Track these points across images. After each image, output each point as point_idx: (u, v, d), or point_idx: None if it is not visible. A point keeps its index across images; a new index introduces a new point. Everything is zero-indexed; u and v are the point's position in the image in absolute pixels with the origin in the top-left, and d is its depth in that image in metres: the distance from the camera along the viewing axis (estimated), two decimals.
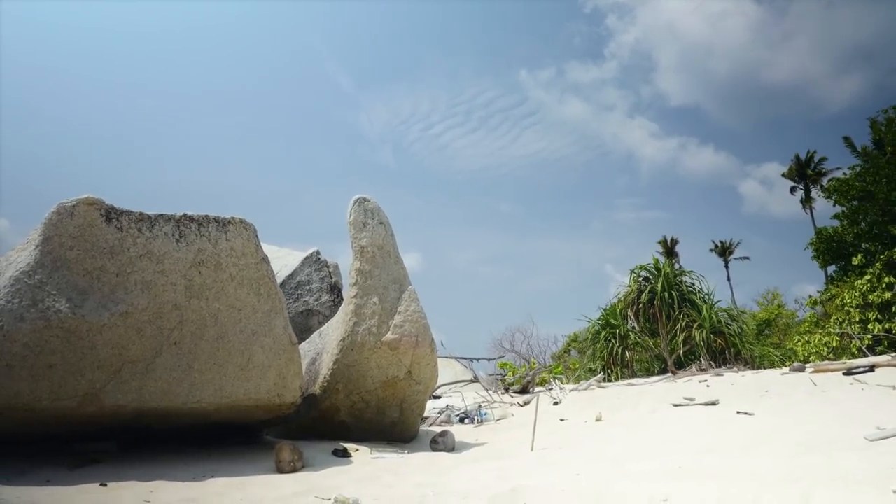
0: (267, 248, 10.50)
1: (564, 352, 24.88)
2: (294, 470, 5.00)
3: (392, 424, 6.46)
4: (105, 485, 4.27)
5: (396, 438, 6.60)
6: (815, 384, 7.31)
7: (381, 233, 6.32)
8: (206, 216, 5.47)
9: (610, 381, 13.24)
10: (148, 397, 4.99)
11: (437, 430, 7.00)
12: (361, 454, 5.71)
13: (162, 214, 5.30)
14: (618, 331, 14.55)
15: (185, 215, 5.38)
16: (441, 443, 6.00)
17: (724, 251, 55.60)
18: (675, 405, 7.47)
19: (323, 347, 6.76)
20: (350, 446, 5.94)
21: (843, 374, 7.54)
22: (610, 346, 14.43)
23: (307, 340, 7.56)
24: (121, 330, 4.85)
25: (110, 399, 4.82)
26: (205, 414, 5.34)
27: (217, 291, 5.33)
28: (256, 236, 5.65)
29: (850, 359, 12.37)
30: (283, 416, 5.90)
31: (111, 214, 5.07)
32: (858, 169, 20.13)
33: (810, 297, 21.60)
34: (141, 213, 5.21)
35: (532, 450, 5.53)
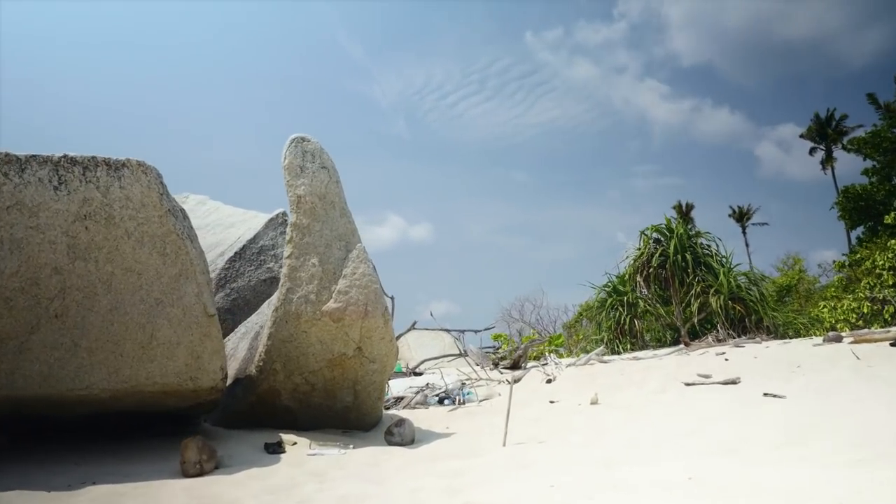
0: (231, 211, 9.49)
1: (576, 321, 23.68)
2: (200, 473, 3.97)
3: (346, 410, 5.39)
4: None
5: (353, 426, 5.54)
6: (858, 358, 6.11)
7: (324, 179, 5.12)
8: (94, 158, 4.35)
9: (618, 353, 12.11)
10: (22, 383, 4.06)
11: (404, 415, 5.94)
12: (298, 449, 4.66)
13: (35, 156, 4.20)
14: (626, 298, 13.29)
15: (65, 156, 4.27)
16: (397, 434, 4.91)
17: (741, 216, 53.81)
18: (688, 384, 6.33)
19: (266, 320, 5.68)
20: (289, 438, 4.90)
21: (891, 344, 6.33)
22: (617, 314, 13.21)
23: (256, 312, 6.51)
24: None
25: None
26: (98, 402, 4.33)
27: (109, 251, 4.26)
28: (160, 183, 4.50)
29: (882, 326, 11.14)
30: (205, 403, 4.85)
31: None
32: (888, 121, 18.63)
33: (835, 261, 20.25)
34: (7, 154, 4.12)
35: (504, 445, 4.43)
